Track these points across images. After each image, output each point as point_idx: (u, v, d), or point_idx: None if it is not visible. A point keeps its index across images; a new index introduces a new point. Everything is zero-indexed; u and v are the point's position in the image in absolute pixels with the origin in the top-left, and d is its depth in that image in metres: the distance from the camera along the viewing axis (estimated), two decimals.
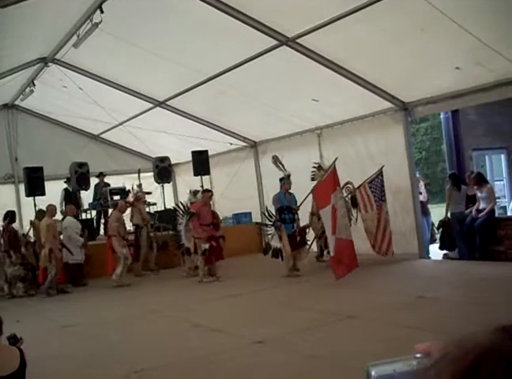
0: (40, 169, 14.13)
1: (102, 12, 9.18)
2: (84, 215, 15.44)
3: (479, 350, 0.55)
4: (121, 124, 15.62)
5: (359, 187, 11.06)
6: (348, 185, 11.10)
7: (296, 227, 11.01)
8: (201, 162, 15.27)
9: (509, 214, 13.67)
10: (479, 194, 11.38)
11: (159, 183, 16.30)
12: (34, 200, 13.92)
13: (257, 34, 9.63)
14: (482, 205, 11.38)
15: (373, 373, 0.74)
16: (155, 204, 15.57)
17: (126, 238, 12.18)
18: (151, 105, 14.20)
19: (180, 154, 16.54)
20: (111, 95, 13.49)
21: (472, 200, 11.66)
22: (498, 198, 13.79)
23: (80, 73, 12.74)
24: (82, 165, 14.82)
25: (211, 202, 12.52)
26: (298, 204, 11.11)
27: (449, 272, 10.02)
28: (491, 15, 7.93)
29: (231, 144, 15.38)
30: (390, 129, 11.42)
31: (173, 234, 12.41)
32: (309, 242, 11.29)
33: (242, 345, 6.41)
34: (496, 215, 11.81)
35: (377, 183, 11.05)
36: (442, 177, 16.15)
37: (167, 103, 13.98)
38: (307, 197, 10.81)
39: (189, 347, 6.53)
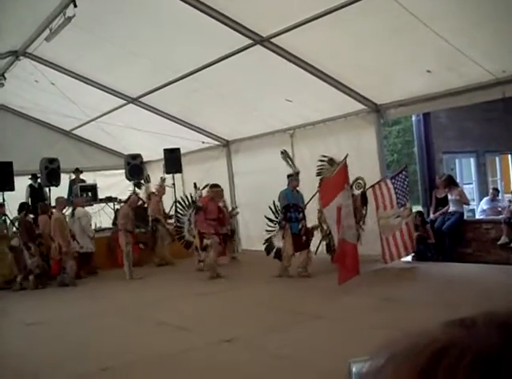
0: (10, 164, 13.91)
1: (75, 6, 9.05)
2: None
3: (436, 345, 0.53)
4: (93, 120, 15.44)
5: (378, 183, 10.54)
6: (359, 181, 10.59)
7: (303, 226, 10.48)
8: (173, 160, 15.19)
9: (477, 217, 13.84)
10: (449, 197, 11.52)
11: (130, 181, 16.19)
12: (3, 195, 13.72)
13: (232, 33, 9.59)
14: (452, 208, 11.52)
15: (354, 369, 0.76)
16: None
17: (135, 234, 12.32)
18: (124, 102, 14.07)
19: (152, 151, 16.43)
20: (84, 91, 13.34)
21: (441, 202, 11.80)
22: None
23: (52, 68, 12.55)
24: (53, 161, 14.63)
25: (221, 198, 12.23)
26: (305, 203, 10.70)
27: (417, 273, 10.09)
28: (462, 20, 8.01)
29: (203, 142, 15.32)
30: (363, 130, 11.48)
31: (175, 225, 12.34)
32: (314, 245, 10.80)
33: (209, 343, 6.39)
34: (465, 217, 11.97)
35: (399, 181, 10.41)
36: (413, 179, 16.25)
37: (140, 99, 13.86)
38: (315, 194, 10.50)
39: (155, 345, 6.49)
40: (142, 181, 14.56)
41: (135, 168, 15.95)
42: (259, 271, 11.16)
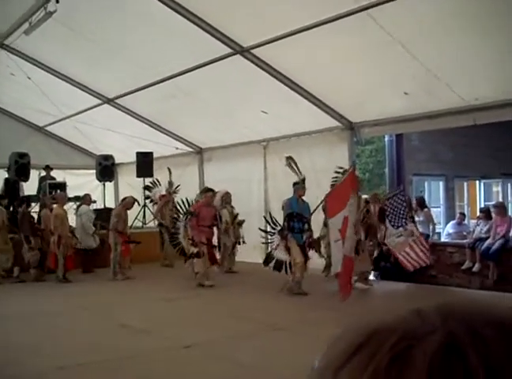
0: None
1: (57, 1, 9.01)
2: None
3: (368, 329, 0.52)
4: (67, 118, 15.31)
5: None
6: (377, 196, 10.47)
7: (307, 237, 9.76)
8: (145, 163, 15.13)
9: (442, 240, 14.02)
10: (416, 218, 11.64)
11: (100, 181, 16.09)
12: None
13: (213, 40, 9.62)
14: (419, 229, 11.63)
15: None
16: (95, 201, 15.32)
17: (128, 235, 12.10)
18: (99, 101, 13.98)
19: (125, 154, 16.34)
20: (60, 88, 13.23)
21: None
22: (434, 224, 14.13)
23: (29, 62, 12.44)
24: (23, 155, 14.49)
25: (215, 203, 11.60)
26: (311, 213, 9.91)
27: (379, 293, 10.17)
28: (441, 46, 8.16)
29: (176, 148, 15.29)
30: (335, 147, 11.57)
31: (171, 232, 11.89)
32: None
33: (168, 348, 6.36)
34: (430, 240, 12.10)
35: (394, 203, 10.12)
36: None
37: (117, 100, 13.79)
38: (320, 204, 9.86)
39: (114, 347, 6.43)
40: (151, 185, 14.35)
41: (106, 169, 15.86)
42: (251, 282, 10.99)
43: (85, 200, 13.53)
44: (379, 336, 0.51)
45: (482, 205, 16.74)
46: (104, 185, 16.16)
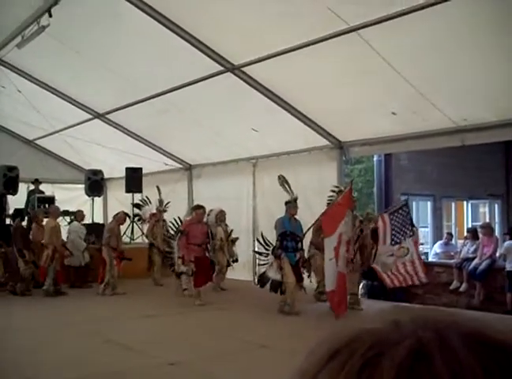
0: None
1: (50, 16, 9.02)
2: (8, 221, 14.98)
3: (345, 337, 0.55)
4: (57, 132, 15.28)
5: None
6: (370, 216, 10.26)
7: (300, 256, 9.61)
8: (134, 179, 15.12)
9: (430, 259, 14.07)
10: None
11: (89, 196, 16.05)
12: None
13: (204, 58, 9.67)
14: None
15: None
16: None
17: (120, 250, 11.96)
18: (90, 116, 13.98)
19: (114, 169, 16.33)
20: (51, 102, 13.23)
21: None
22: (422, 244, 14.21)
23: (20, 75, 12.44)
24: (12, 169, 14.44)
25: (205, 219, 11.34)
26: (304, 232, 9.79)
27: (368, 312, 10.16)
28: (429, 68, 8.25)
29: (166, 164, 15.30)
30: (324, 166, 11.61)
31: (166, 251, 11.77)
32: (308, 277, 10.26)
33: (153, 365, 6.33)
34: None
35: (398, 217, 9.76)
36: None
37: (107, 116, 13.80)
38: (315, 223, 9.74)
39: (96, 363, 6.39)
40: (141, 203, 14.20)
41: (95, 184, 15.85)
42: (238, 300, 10.88)
43: (78, 216, 13.54)
44: (354, 344, 0.54)
45: (469, 225, 16.85)
46: (93, 199, 16.13)
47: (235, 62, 9.81)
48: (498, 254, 11.57)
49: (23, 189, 15.25)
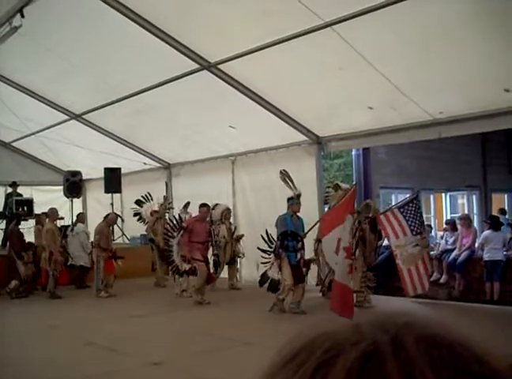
0: None
1: (23, 16, 8.92)
2: None
3: (305, 339, 0.57)
4: (34, 134, 15.16)
5: (384, 212, 9.90)
6: (369, 205, 10.01)
7: (301, 257, 9.30)
8: (113, 179, 15.04)
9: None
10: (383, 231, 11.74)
11: (68, 197, 15.93)
12: None
13: (180, 56, 9.64)
14: (385, 242, 11.74)
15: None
16: (62, 218, 15.15)
17: (111, 250, 11.85)
18: (67, 117, 13.88)
19: (92, 170, 16.24)
20: (26, 103, 13.11)
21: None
22: None
23: None
24: None
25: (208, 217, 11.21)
26: (306, 231, 9.47)
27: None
28: (404, 62, 8.30)
29: (145, 163, 15.25)
30: (303, 161, 11.63)
31: (163, 249, 11.49)
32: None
33: (137, 365, 6.32)
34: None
35: (410, 209, 9.62)
36: None
37: (84, 116, 13.71)
38: (316, 224, 9.57)
39: (78, 365, 6.36)
40: (143, 199, 14.00)
41: (74, 185, 15.73)
42: (234, 298, 10.85)
43: (79, 218, 13.84)
44: (313, 346, 0.56)
45: (448, 217, 17.00)
46: (72, 201, 16.01)
47: (210, 60, 9.79)
48: (476, 245, 11.70)
49: (0, 192, 15.12)
